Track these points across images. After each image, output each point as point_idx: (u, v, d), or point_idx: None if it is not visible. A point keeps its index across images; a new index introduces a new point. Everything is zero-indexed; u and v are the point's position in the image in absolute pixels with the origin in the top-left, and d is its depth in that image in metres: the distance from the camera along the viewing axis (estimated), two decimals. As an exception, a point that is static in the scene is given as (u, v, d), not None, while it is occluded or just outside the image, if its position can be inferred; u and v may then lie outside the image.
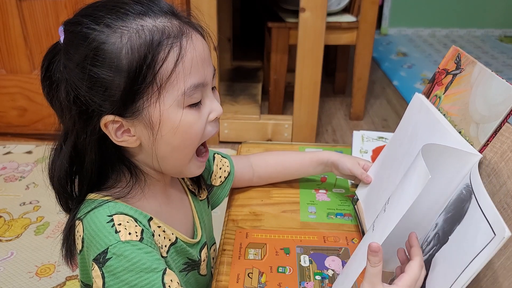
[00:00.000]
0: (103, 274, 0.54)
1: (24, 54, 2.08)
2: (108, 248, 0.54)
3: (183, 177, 0.72)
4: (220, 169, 0.83)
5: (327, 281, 0.68)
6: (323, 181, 0.94)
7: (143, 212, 0.61)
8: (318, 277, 0.69)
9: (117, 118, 0.56)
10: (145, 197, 0.63)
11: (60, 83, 0.56)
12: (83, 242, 0.57)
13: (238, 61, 3.02)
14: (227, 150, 2.20)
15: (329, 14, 2.21)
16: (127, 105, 0.55)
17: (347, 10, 2.40)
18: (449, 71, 0.71)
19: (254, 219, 0.82)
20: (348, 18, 2.33)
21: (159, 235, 0.62)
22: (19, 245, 1.58)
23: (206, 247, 0.74)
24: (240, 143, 1.12)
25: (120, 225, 0.56)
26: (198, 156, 0.64)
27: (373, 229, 0.60)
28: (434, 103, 0.71)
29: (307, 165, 0.88)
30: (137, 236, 0.56)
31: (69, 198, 0.62)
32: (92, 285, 0.59)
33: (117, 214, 0.57)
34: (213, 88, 0.62)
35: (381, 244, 0.53)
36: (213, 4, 1.96)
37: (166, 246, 0.64)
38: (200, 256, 0.71)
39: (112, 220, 0.56)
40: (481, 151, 0.58)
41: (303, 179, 0.94)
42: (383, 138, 1.08)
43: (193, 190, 0.76)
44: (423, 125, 0.70)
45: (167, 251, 0.64)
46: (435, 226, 0.59)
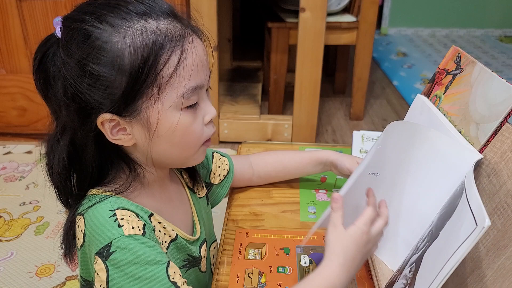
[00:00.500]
0: (107, 267, 0.54)
1: (24, 54, 2.09)
2: (111, 241, 0.54)
3: (186, 167, 0.73)
4: (219, 167, 0.83)
5: (327, 281, 0.68)
6: (323, 181, 0.94)
7: (144, 207, 0.61)
8: (318, 277, 0.69)
9: (115, 117, 0.56)
10: (145, 192, 0.64)
11: (56, 77, 0.56)
12: (84, 236, 0.58)
13: (238, 61, 3.02)
14: (227, 150, 2.20)
15: (329, 14, 2.21)
16: (126, 105, 0.56)
17: (347, 10, 2.40)
18: (449, 71, 0.71)
19: (254, 219, 0.83)
20: (348, 18, 2.33)
21: (160, 231, 0.63)
22: (19, 245, 1.58)
23: (205, 244, 0.74)
24: (240, 143, 1.12)
25: (123, 219, 0.56)
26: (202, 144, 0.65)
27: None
28: (434, 103, 0.71)
29: (306, 164, 0.88)
30: (140, 230, 0.57)
31: (69, 193, 0.62)
32: (91, 280, 0.59)
33: (119, 209, 0.58)
34: (206, 89, 0.63)
35: (342, 194, 0.59)
36: (213, 4, 1.96)
37: (166, 242, 0.64)
38: (200, 253, 0.72)
39: (114, 214, 0.57)
40: (481, 151, 0.58)
41: (303, 179, 0.94)
42: (383, 138, 1.08)
43: (192, 187, 0.76)
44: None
45: (167, 247, 0.64)
46: (431, 223, 0.60)
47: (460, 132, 0.63)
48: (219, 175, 0.83)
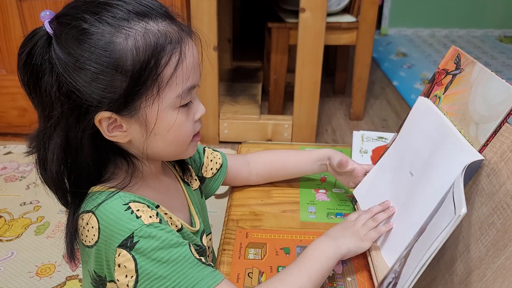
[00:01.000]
0: (133, 257, 0.56)
1: (24, 54, 2.08)
2: (133, 233, 0.56)
3: (179, 159, 0.74)
4: (211, 161, 0.84)
5: (327, 281, 0.68)
6: (323, 181, 0.94)
7: (150, 200, 0.63)
8: (318, 277, 0.69)
9: (114, 115, 0.57)
10: (145, 185, 0.65)
11: (47, 73, 0.55)
12: (99, 233, 0.58)
13: (238, 61, 3.02)
14: (227, 150, 2.20)
15: (329, 14, 2.21)
16: (126, 104, 0.56)
17: (347, 10, 2.40)
18: (449, 71, 0.71)
19: (254, 219, 0.83)
20: (348, 18, 2.34)
21: (167, 222, 0.64)
22: (20, 245, 1.58)
23: (205, 235, 0.76)
24: (240, 143, 1.12)
25: (138, 210, 0.58)
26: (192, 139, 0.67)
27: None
28: (434, 103, 0.72)
29: (305, 162, 0.88)
30: (156, 218, 0.59)
31: (66, 191, 0.62)
32: (104, 276, 0.61)
33: (131, 202, 0.59)
34: None
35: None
36: (213, 4, 1.96)
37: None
38: (203, 243, 0.73)
39: (129, 207, 0.58)
40: (480, 151, 0.58)
41: (303, 179, 0.94)
42: (383, 138, 1.08)
43: (186, 179, 0.77)
44: (432, 130, 0.69)
45: None
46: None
47: (460, 132, 0.63)
48: (211, 169, 0.84)
